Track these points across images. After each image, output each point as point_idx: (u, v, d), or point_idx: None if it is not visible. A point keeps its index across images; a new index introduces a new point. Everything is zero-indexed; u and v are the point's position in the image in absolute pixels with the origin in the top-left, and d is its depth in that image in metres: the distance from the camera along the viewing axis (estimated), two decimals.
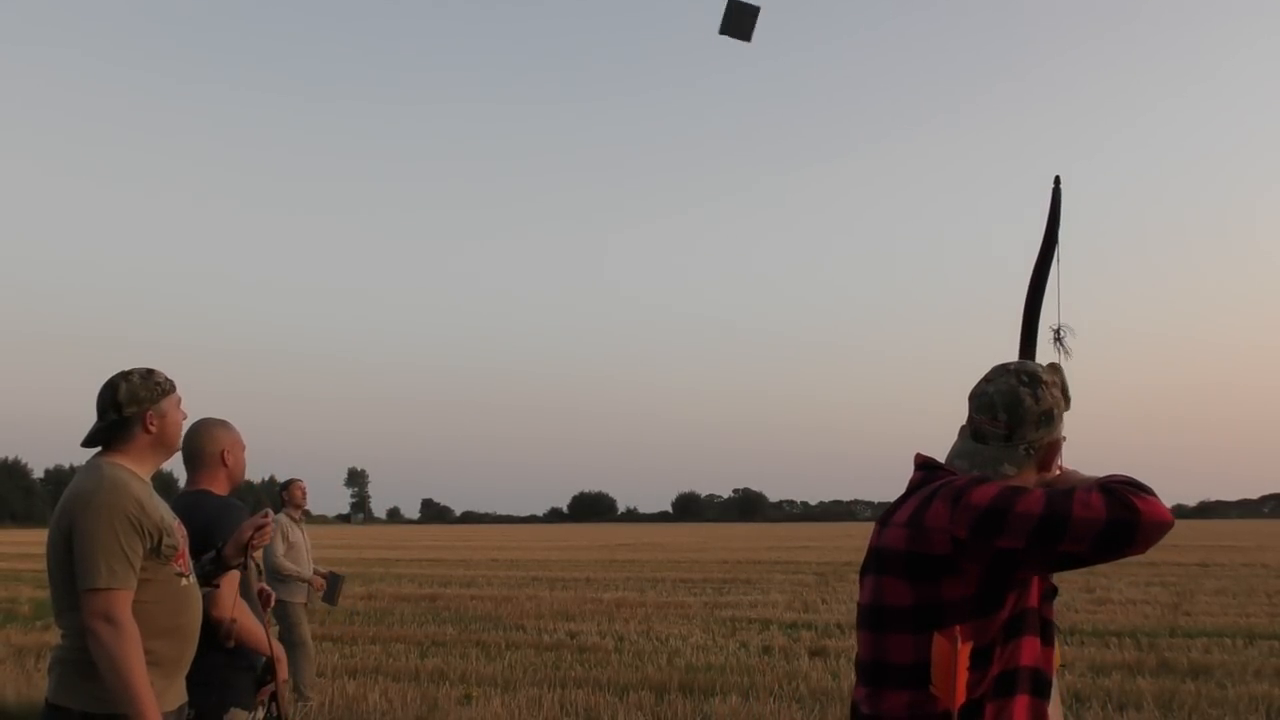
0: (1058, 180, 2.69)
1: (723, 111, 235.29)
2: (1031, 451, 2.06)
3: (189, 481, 3.42)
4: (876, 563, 2.05)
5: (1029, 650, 1.97)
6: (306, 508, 8.07)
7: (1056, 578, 2.06)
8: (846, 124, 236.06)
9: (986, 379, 2.12)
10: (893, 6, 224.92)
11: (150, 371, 2.89)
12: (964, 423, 2.16)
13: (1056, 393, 2.09)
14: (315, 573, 7.93)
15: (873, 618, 2.04)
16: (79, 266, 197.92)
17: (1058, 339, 2.60)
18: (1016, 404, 2.05)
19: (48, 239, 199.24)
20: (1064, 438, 2.14)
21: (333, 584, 8.04)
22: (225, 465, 3.42)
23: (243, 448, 3.52)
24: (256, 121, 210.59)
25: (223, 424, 3.46)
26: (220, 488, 3.42)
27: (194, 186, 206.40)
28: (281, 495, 8.04)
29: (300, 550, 7.80)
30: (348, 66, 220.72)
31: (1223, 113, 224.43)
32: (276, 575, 7.48)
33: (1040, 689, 1.98)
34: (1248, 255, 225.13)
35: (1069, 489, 1.91)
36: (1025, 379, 2.07)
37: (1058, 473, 2.13)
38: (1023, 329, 2.70)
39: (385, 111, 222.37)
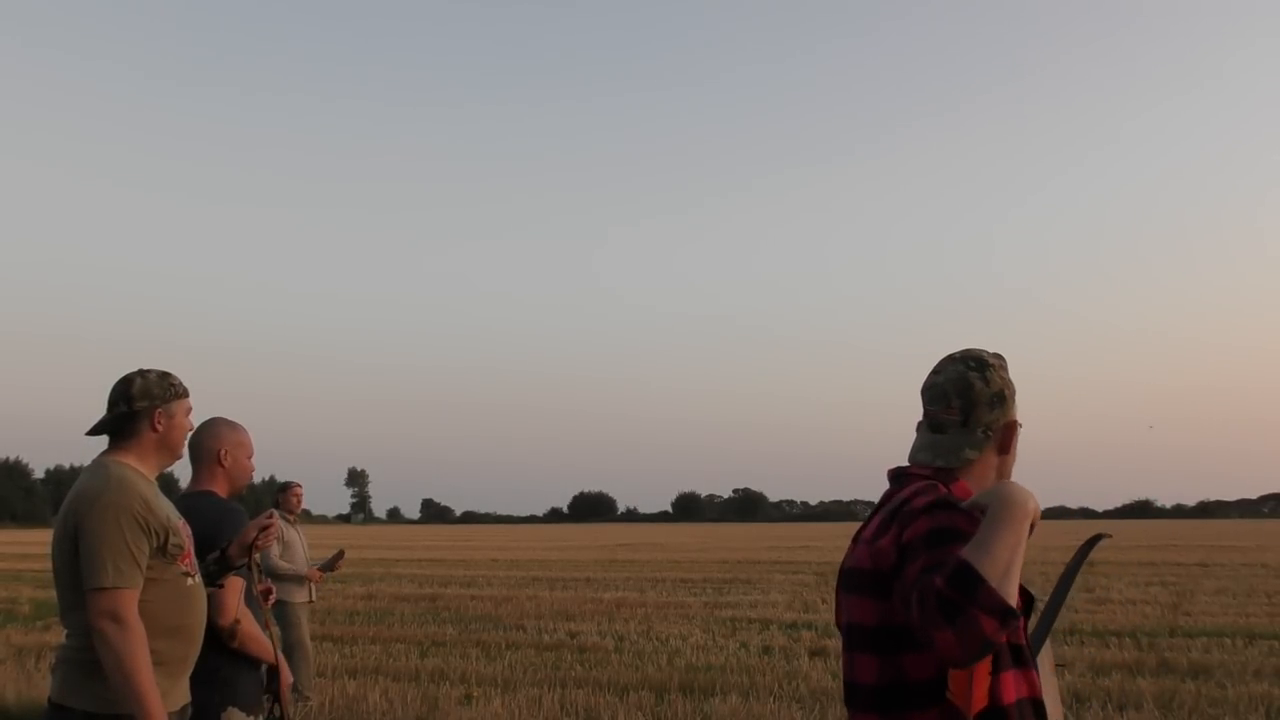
0: (1098, 538, 2.51)
1: (721, 112, 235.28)
2: (989, 434, 2.06)
3: (191, 480, 3.36)
4: (846, 581, 2.05)
5: (1008, 687, 1.86)
6: (304, 508, 8.12)
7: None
8: (845, 125, 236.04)
9: (935, 371, 2.13)
10: (886, 9, 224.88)
11: (167, 374, 2.92)
12: (920, 419, 2.14)
13: (1005, 375, 2.10)
14: (315, 568, 7.99)
15: (846, 636, 2.03)
16: (80, 267, 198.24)
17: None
18: (967, 388, 2.05)
19: (49, 240, 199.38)
20: (1020, 424, 2.12)
21: (331, 563, 8.08)
22: (222, 465, 3.35)
23: (248, 452, 3.43)
24: (258, 124, 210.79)
25: (230, 424, 3.40)
26: (221, 489, 3.36)
27: (195, 189, 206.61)
28: (277, 498, 8.07)
29: (296, 549, 7.84)
30: (350, 69, 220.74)
31: (1223, 115, 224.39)
32: (273, 575, 7.50)
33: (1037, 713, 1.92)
34: (1248, 257, 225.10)
35: (942, 557, 1.77)
36: (973, 364, 2.08)
37: (1013, 462, 2.10)
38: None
39: (388, 113, 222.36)
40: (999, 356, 2.13)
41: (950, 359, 2.12)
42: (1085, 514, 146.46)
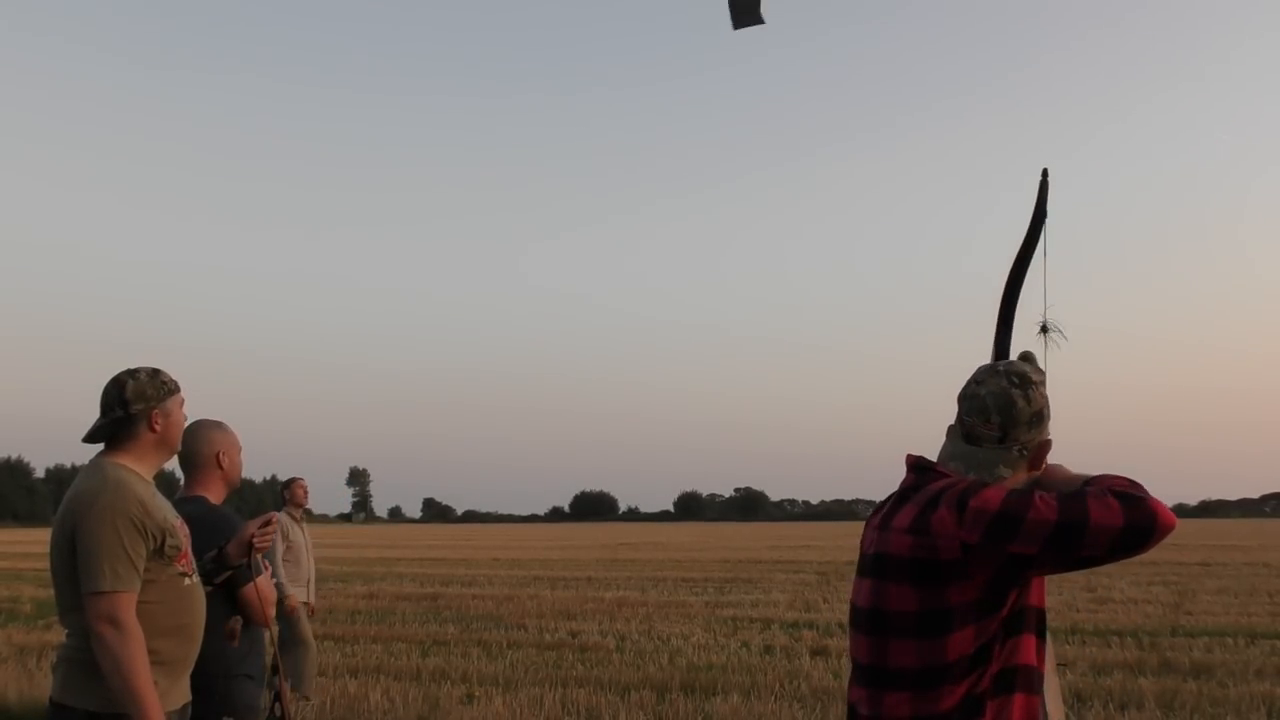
0: (1045, 173, 2.66)
1: (731, 109, 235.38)
2: (1025, 452, 2.07)
3: (185, 485, 3.36)
4: (877, 567, 2.05)
5: (1026, 648, 1.99)
6: (307, 506, 8.08)
7: (1060, 577, 2.08)
8: (862, 115, 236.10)
9: (976, 380, 2.12)
10: (859, 7, 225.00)
11: (157, 371, 2.91)
12: (952, 423, 2.15)
13: (1045, 392, 2.10)
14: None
15: (874, 622, 2.04)
16: (81, 267, 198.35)
17: (1044, 332, 2.59)
18: (1009, 406, 2.05)
19: (50, 240, 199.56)
20: (1051, 441, 2.14)
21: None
22: (221, 468, 3.36)
23: (239, 449, 3.44)
24: (256, 125, 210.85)
25: (218, 425, 3.40)
26: (216, 492, 3.36)
27: (195, 189, 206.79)
28: (283, 494, 8.03)
29: (300, 550, 7.78)
30: (354, 61, 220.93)
31: (1227, 113, 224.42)
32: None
33: (1031, 686, 2.01)
34: (1251, 257, 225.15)
35: (1080, 493, 1.92)
36: (1016, 380, 2.08)
37: (1043, 470, 2.13)
38: (998, 320, 2.68)
39: (386, 113, 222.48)
40: (1040, 372, 2.14)
41: (994, 371, 2.12)
42: None
